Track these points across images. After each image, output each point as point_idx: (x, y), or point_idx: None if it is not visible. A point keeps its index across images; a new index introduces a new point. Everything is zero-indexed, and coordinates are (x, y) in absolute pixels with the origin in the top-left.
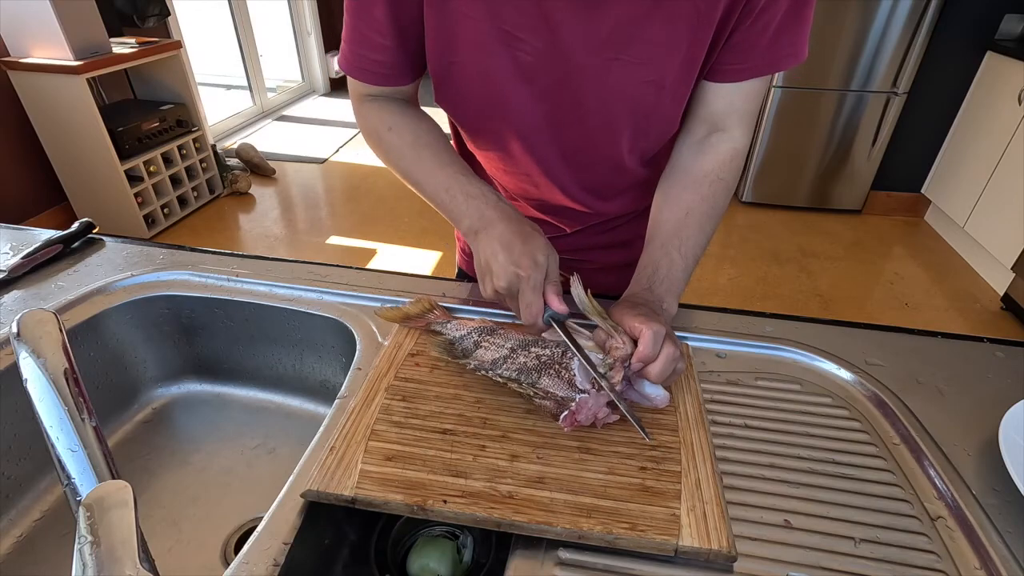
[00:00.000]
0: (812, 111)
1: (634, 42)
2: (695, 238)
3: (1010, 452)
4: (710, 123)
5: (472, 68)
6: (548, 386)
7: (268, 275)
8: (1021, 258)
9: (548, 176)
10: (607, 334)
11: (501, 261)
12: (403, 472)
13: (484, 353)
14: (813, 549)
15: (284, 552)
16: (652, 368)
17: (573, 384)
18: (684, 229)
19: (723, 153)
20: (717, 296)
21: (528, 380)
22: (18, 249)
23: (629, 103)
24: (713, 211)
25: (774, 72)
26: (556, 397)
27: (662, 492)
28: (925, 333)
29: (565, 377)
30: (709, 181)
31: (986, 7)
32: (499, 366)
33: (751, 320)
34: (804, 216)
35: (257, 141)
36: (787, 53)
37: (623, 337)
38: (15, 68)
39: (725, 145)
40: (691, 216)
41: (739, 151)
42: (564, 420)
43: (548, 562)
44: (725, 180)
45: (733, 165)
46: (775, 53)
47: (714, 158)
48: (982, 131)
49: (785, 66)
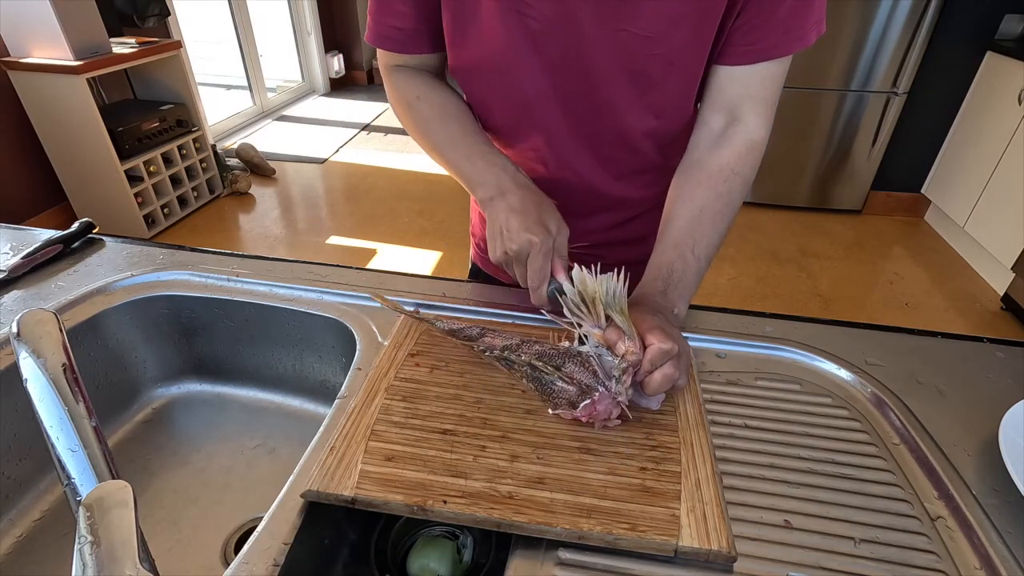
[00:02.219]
0: (812, 111)
1: (641, 13)
2: (708, 237)
3: (1010, 452)
4: (726, 112)
5: (483, 36)
6: (574, 372)
7: (268, 275)
8: (1021, 258)
9: (556, 149)
10: (620, 335)
11: (515, 225)
12: (403, 472)
13: (492, 340)
14: (813, 549)
15: (284, 552)
16: (647, 382)
17: (597, 375)
18: (698, 228)
19: (739, 145)
20: (717, 296)
21: (553, 364)
22: (18, 249)
23: (638, 77)
24: (727, 209)
25: (783, 55)
26: (582, 384)
27: (662, 492)
28: (925, 333)
29: (591, 367)
30: (724, 176)
31: (986, 7)
32: (512, 352)
33: (751, 320)
34: (804, 216)
35: (257, 141)
36: (796, 36)
37: (637, 342)
38: (15, 68)
39: (741, 136)
40: (705, 214)
41: (756, 143)
42: (583, 409)
43: (548, 562)
44: (742, 175)
45: (750, 158)
46: (785, 35)
47: (730, 151)
48: (982, 131)
49: (794, 48)
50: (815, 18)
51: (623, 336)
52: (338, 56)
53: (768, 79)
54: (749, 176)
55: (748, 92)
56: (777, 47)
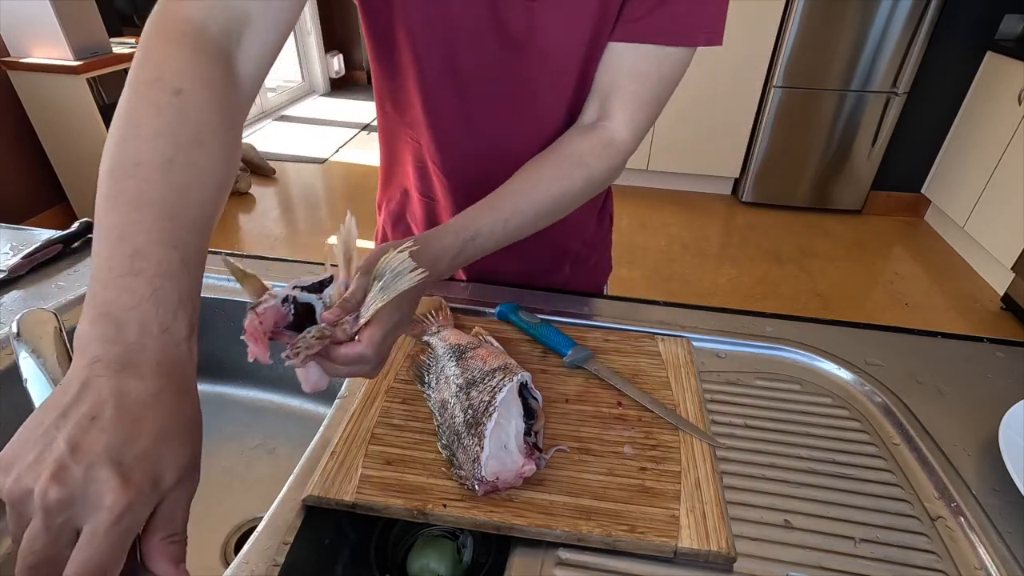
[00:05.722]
0: (812, 111)
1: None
2: (529, 217)
3: (1010, 452)
4: (599, 102)
5: None
6: (462, 460)
7: (268, 275)
8: (1021, 258)
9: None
10: (353, 308)
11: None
12: (403, 476)
13: (439, 389)
14: (813, 549)
15: (284, 552)
16: (329, 366)
17: (478, 461)
18: (523, 202)
19: (598, 139)
20: (717, 296)
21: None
22: (18, 249)
23: (551, 54)
24: (562, 197)
25: (658, 43)
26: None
27: (662, 493)
28: (925, 333)
29: (473, 452)
30: (571, 161)
31: (986, 7)
32: (440, 414)
33: (751, 320)
34: (804, 216)
35: (257, 141)
36: (678, 31)
37: (357, 328)
38: (15, 68)
39: (603, 132)
40: (537, 191)
41: (616, 142)
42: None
43: (548, 562)
44: (591, 167)
45: (605, 154)
46: (669, 24)
47: (588, 142)
48: (982, 131)
49: (671, 40)
50: (708, 23)
51: (355, 311)
52: (338, 56)
53: (640, 75)
54: (598, 173)
55: (618, 83)
56: (652, 33)
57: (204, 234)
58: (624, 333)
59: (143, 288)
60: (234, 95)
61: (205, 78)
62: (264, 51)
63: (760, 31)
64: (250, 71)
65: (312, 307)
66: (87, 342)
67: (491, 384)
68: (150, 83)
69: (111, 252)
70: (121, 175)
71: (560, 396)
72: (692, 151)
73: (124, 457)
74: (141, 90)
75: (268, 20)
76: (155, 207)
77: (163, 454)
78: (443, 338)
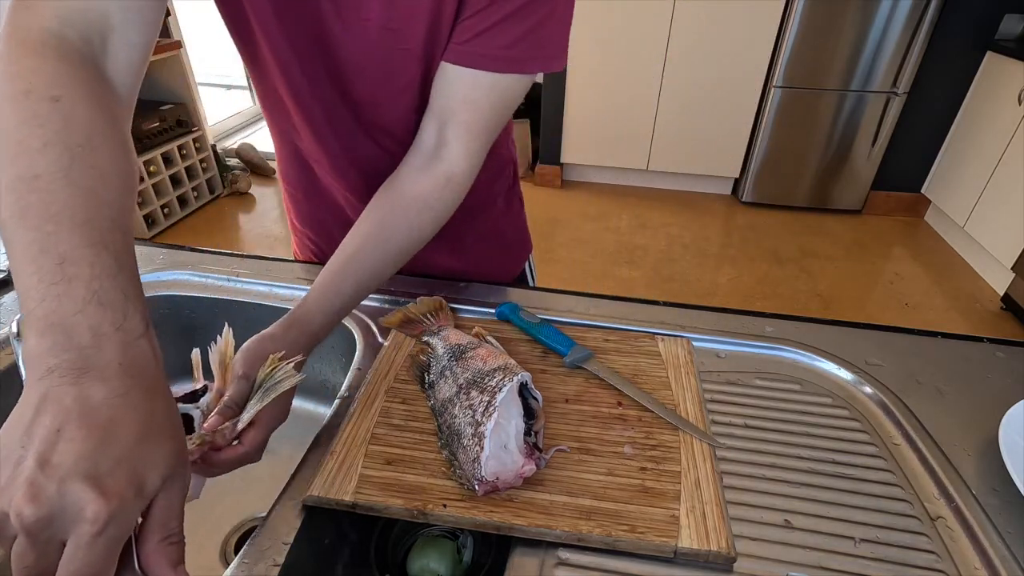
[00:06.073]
0: (812, 111)
1: (374, 3)
2: (389, 267)
3: (1010, 452)
4: (437, 123)
5: None
6: (462, 460)
7: (268, 275)
8: (1021, 258)
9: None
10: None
11: (67, 465)
12: (403, 476)
13: (439, 389)
14: (813, 549)
15: (284, 552)
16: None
17: (478, 461)
18: (379, 259)
19: (439, 177)
20: (717, 296)
21: (446, 443)
22: None
23: (389, 74)
24: (411, 245)
25: (488, 69)
26: (466, 472)
27: (662, 493)
28: (925, 333)
29: (473, 452)
30: (418, 208)
31: (986, 7)
32: (440, 414)
33: (751, 320)
34: (804, 216)
35: (257, 141)
36: (509, 59)
37: (236, 432)
38: None
39: (442, 168)
40: (390, 243)
41: (455, 175)
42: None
43: (548, 562)
44: (435, 210)
45: (447, 192)
46: (501, 50)
47: (430, 182)
48: (982, 131)
49: (500, 68)
50: (546, 49)
51: (235, 417)
52: None
53: (472, 104)
54: (442, 212)
55: (453, 108)
56: (480, 58)
57: (127, 232)
58: (624, 333)
59: (82, 292)
60: (110, 97)
61: (79, 82)
62: (133, 53)
63: (760, 31)
64: (122, 75)
65: (190, 416)
66: (37, 356)
67: (491, 384)
68: (23, 95)
69: (36, 267)
70: (24, 190)
71: (560, 396)
72: (692, 151)
73: (98, 466)
74: (16, 103)
75: (131, 22)
76: (67, 215)
77: (142, 457)
78: (443, 338)
